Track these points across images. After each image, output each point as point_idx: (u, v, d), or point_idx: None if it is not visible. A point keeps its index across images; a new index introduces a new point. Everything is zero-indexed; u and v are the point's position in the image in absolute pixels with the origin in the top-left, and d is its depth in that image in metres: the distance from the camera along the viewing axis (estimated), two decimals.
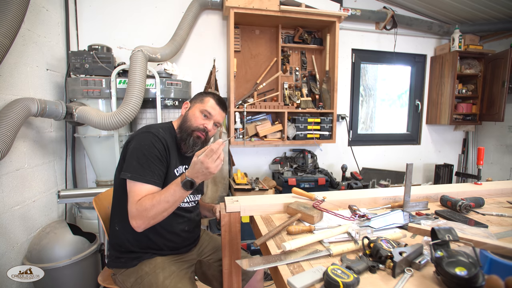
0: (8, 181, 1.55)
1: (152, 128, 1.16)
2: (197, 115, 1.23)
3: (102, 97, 1.96)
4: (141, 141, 1.10)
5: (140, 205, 1.00)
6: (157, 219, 1.02)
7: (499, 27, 3.03)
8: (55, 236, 1.67)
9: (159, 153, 1.09)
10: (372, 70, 3.30)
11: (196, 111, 1.24)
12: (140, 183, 1.03)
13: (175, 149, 1.21)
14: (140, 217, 1.00)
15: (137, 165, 1.05)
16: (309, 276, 0.70)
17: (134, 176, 1.03)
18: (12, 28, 1.38)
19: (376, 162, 3.16)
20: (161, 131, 1.16)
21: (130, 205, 1.02)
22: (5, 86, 1.55)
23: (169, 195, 0.99)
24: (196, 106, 1.25)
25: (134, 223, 1.02)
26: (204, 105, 1.24)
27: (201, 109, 1.23)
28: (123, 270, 1.16)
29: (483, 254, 0.70)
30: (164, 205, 0.99)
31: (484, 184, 1.52)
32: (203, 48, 2.61)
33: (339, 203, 1.25)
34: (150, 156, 1.07)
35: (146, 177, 1.04)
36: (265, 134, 2.53)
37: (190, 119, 1.23)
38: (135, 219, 1.01)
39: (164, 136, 1.15)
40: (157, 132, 1.14)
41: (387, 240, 0.83)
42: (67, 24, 2.21)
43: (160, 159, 1.09)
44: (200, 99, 1.27)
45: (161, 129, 1.19)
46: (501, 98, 2.93)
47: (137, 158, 1.06)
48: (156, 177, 1.06)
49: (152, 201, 0.99)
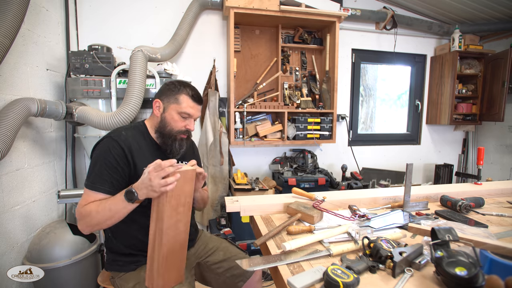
0: (8, 181, 1.55)
1: (114, 133, 1.12)
2: (176, 118, 1.16)
3: (102, 97, 1.96)
4: (100, 148, 1.09)
5: (85, 210, 1.00)
6: (101, 226, 1.00)
7: (499, 27, 3.03)
8: (55, 236, 1.67)
9: (114, 159, 1.05)
10: (372, 70, 3.30)
11: (173, 114, 1.16)
12: (91, 190, 1.03)
13: (147, 148, 1.16)
14: (84, 222, 1.00)
15: (92, 172, 1.05)
16: (309, 276, 0.70)
17: (87, 184, 1.04)
18: (12, 28, 1.38)
19: (376, 162, 3.16)
20: (123, 134, 1.11)
21: (77, 209, 1.02)
22: (5, 86, 1.55)
23: (112, 204, 0.97)
24: (172, 107, 1.16)
25: (79, 226, 1.03)
26: (181, 106, 1.15)
27: (179, 111, 1.16)
28: (122, 274, 1.15)
29: (483, 254, 0.70)
30: (106, 213, 0.97)
31: (484, 184, 1.52)
32: (203, 48, 2.61)
33: (339, 203, 1.25)
34: (104, 163, 1.05)
35: (95, 185, 1.03)
36: (265, 134, 2.53)
37: (170, 123, 1.16)
38: (79, 223, 1.02)
39: (125, 139, 1.10)
40: (117, 136, 1.09)
41: (387, 240, 0.83)
42: (67, 24, 2.21)
43: (114, 166, 1.05)
44: (174, 98, 1.16)
45: (124, 131, 1.14)
46: (501, 98, 2.93)
47: (92, 167, 1.06)
48: (107, 185, 1.03)
49: (97, 207, 0.98)
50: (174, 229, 0.99)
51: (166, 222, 0.95)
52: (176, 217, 0.98)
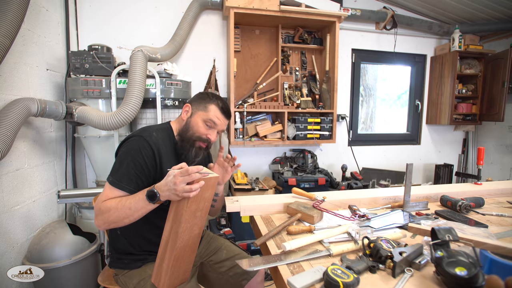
0: (8, 181, 1.55)
1: (145, 132, 1.12)
2: (200, 124, 1.17)
3: (102, 97, 1.96)
4: (129, 146, 1.08)
5: (104, 206, 0.99)
6: (118, 223, 0.99)
7: (499, 27, 3.03)
8: (55, 236, 1.67)
9: (143, 160, 1.05)
10: (372, 70, 3.30)
11: (199, 120, 1.17)
12: (115, 188, 1.02)
13: (172, 152, 1.18)
14: (101, 218, 0.99)
15: (118, 170, 1.04)
16: (309, 276, 0.70)
17: (112, 180, 1.03)
18: (12, 28, 1.38)
19: (376, 162, 3.16)
20: (154, 135, 1.12)
21: (96, 203, 1.01)
22: (5, 86, 1.55)
23: (133, 202, 0.96)
24: (199, 114, 1.18)
25: (95, 221, 1.02)
26: (208, 114, 1.17)
27: (204, 119, 1.17)
28: (126, 271, 1.15)
29: (483, 254, 0.70)
30: (126, 211, 0.96)
31: (484, 184, 1.52)
32: (203, 48, 2.61)
33: (339, 203, 1.26)
34: (133, 162, 1.04)
35: (121, 183, 1.02)
36: (265, 134, 2.53)
37: (193, 128, 1.17)
38: (96, 218, 1.01)
39: (156, 141, 1.11)
40: (148, 137, 1.09)
41: (387, 240, 0.83)
42: (67, 24, 2.21)
43: (142, 167, 1.05)
44: (203, 106, 1.19)
45: (155, 132, 1.14)
46: (501, 98, 2.93)
47: (120, 163, 1.05)
48: (132, 184, 1.03)
49: (117, 204, 0.97)
50: (189, 232, 0.99)
51: (182, 226, 0.95)
52: (193, 221, 0.98)
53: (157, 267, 1.03)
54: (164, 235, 1.00)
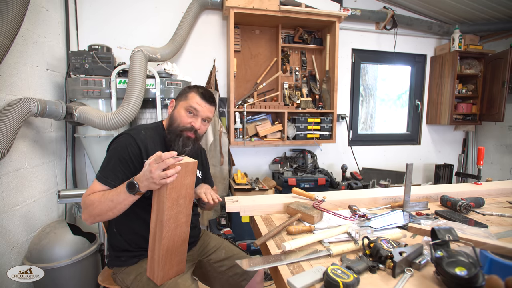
0: (8, 181, 1.55)
1: (133, 130, 1.14)
2: (183, 113, 1.18)
3: (102, 97, 1.96)
4: (117, 144, 1.10)
5: (88, 199, 1.01)
6: (102, 217, 1.01)
7: (499, 27, 3.03)
8: (55, 236, 1.67)
9: (129, 157, 1.07)
10: (372, 70, 3.30)
11: (181, 110, 1.19)
12: (101, 183, 1.04)
13: (161, 148, 1.18)
14: (87, 211, 1.02)
15: (106, 166, 1.07)
16: (309, 276, 0.70)
17: (99, 176, 1.05)
18: (12, 28, 1.38)
19: (376, 162, 3.16)
20: (142, 133, 1.14)
21: (82, 198, 1.04)
22: (5, 86, 1.55)
23: (115, 194, 0.98)
24: (180, 104, 1.20)
25: (82, 216, 1.04)
26: (188, 101, 1.18)
27: (185, 107, 1.18)
28: (123, 268, 1.16)
29: (483, 254, 0.70)
30: (108, 204, 0.98)
31: (484, 184, 1.52)
32: (203, 48, 2.61)
33: (339, 203, 1.25)
34: (119, 159, 1.06)
35: (108, 179, 1.04)
36: (265, 134, 2.53)
37: (176, 119, 1.19)
38: (83, 213, 1.03)
39: (144, 138, 1.12)
40: (136, 135, 1.11)
41: (387, 240, 0.83)
42: (67, 24, 2.21)
43: (128, 164, 1.07)
44: (184, 95, 1.21)
45: (144, 130, 1.16)
46: (501, 98, 2.93)
47: (107, 161, 1.08)
48: (118, 181, 1.04)
49: (100, 198, 0.99)
50: (174, 220, 1.00)
51: (166, 214, 0.96)
52: (177, 208, 0.99)
53: (150, 260, 1.04)
54: (151, 226, 1.01)
